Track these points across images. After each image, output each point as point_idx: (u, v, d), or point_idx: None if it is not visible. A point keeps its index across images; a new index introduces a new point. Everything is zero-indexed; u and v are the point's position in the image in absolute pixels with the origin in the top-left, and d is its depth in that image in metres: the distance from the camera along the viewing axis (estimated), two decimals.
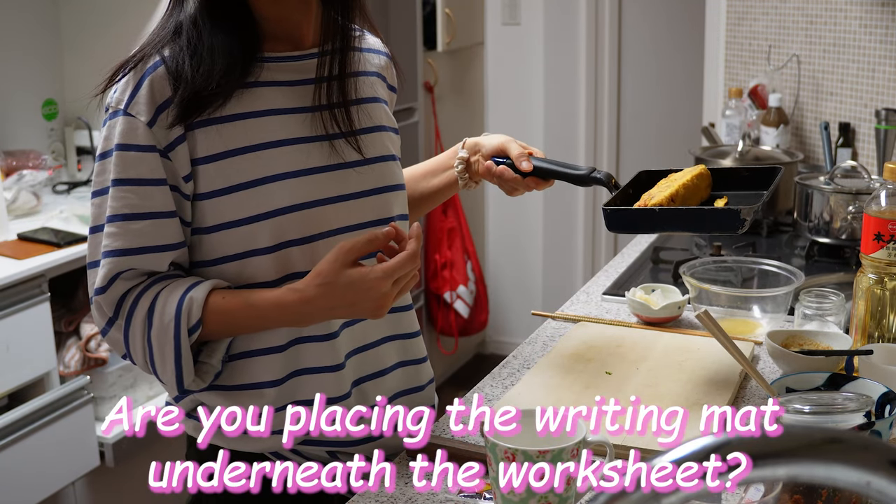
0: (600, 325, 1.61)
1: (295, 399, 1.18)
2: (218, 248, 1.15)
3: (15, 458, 2.11)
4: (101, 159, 1.13)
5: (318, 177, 1.16)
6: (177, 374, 1.11)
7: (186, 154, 1.11)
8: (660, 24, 3.86)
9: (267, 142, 1.14)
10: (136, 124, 1.10)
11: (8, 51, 2.71)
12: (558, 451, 0.98)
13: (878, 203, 1.30)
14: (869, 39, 2.48)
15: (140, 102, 1.10)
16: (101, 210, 1.12)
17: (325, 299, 1.08)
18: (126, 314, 1.12)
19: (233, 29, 1.14)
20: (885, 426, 1.06)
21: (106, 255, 1.11)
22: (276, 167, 1.14)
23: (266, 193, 1.13)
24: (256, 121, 1.14)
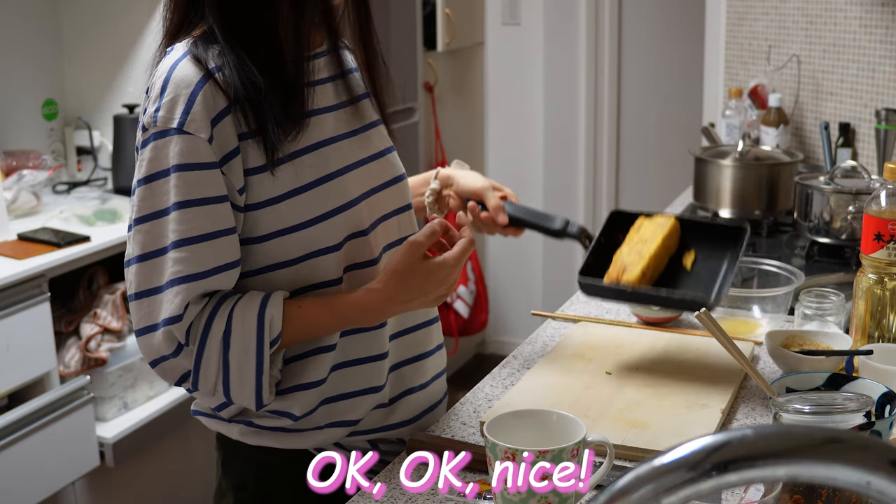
0: (600, 325, 1.61)
1: (335, 393, 1.20)
2: (272, 255, 1.15)
3: (15, 458, 2.11)
4: (145, 182, 1.09)
5: (367, 167, 1.22)
6: (257, 391, 1.12)
7: (240, 166, 1.10)
8: (660, 24, 3.86)
9: (323, 140, 1.17)
10: (197, 142, 1.07)
11: (8, 51, 2.71)
12: (558, 451, 0.98)
13: (878, 203, 1.31)
14: (869, 39, 2.48)
15: (196, 119, 1.07)
16: (152, 236, 1.09)
17: (405, 293, 1.15)
18: (199, 339, 1.11)
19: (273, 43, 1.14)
20: (885, 426, 1.06)
21: (177, 283, 1.08)
22: (337, 162, 1.17)
23: (335, 189, 1.16)
24: (318, 118, 1.17)
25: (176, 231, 1.08)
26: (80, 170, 2.87)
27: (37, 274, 2.18)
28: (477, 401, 1.36)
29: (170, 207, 1.08)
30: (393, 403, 1.27)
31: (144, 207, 1.09)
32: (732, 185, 2.27)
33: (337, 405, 1.21)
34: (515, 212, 1.46)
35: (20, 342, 2.15)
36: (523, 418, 1.06)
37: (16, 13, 2.72)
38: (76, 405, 2.25)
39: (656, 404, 1.29)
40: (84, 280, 2.47)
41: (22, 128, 2.76)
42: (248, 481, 1.25)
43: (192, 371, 1.13)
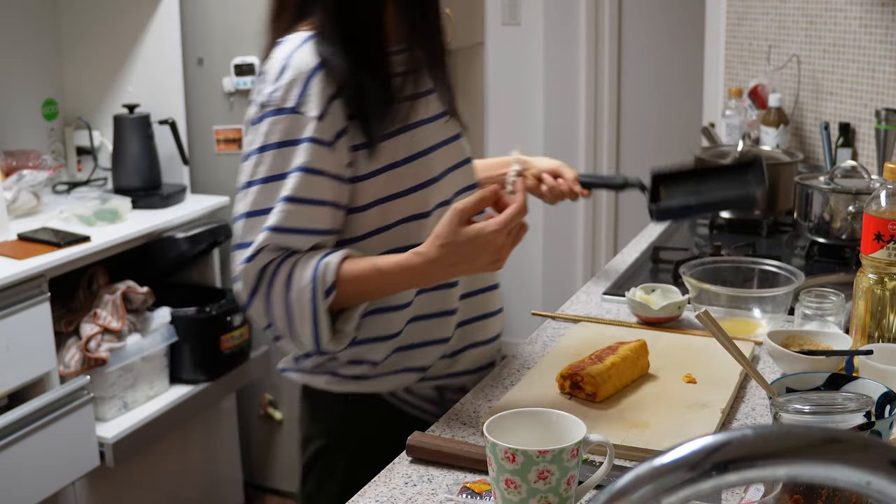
0: (600, 325, 1.61)
1: (408, 343, 1.36)
2: (371, 223, 1.30)
3: (15, 458, 2.11)
4: (259, 152, 1.24)
5: (448, 147, 1.38)
6: (314, 334, 1.24)
7: (347, 144, 1.25)
8: (660, 24, 3.86)
9: (415, 122, 1.32)
10: (306, 120, 1.22)
11: (8, 51, 2.71)
12: (558, 451, 0.98)
13: (878, 203, 1.31)
14: (869, 39, 2.48)
15: (310, 101, 1.22)
16: (260, 197, 1.24)
17: (448, 257, 1.21)
18: (267, 283, 1.24)
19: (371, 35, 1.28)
20: (885, 426, 1.06)
21: (263, 231, 1.23)
22: (426, 142, 1.33)
23: (425, 165, 1.32)
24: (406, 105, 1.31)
25: (285, 188, 1.23)
26: (80, 170, 2.87)
27: (37, 274, 2.18)
28: (477, 401, 1.36)
29: (288, 172, 1.23)
30: (456, 355, 1.41)
31: (257, 172, 1.25)
32: None
33: (409, 353, 1.37)
34: (584, 178, 1.75)
35: (20, 342, 2.15)
36: (523, 418, 1.06)
37: (15, 13, 2.72)
38: (76, 405, 2.25)
39: (656, 404, 1.29)
40: (84, 280, 2.47)
41: (22, 128, 2.76)
42: (333, 426, 1.40)
43: (265, 313, 1.25)
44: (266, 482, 3.14)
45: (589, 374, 1.29)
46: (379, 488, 1.13)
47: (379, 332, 1.33)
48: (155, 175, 2.74)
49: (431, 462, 1.18)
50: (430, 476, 1.15)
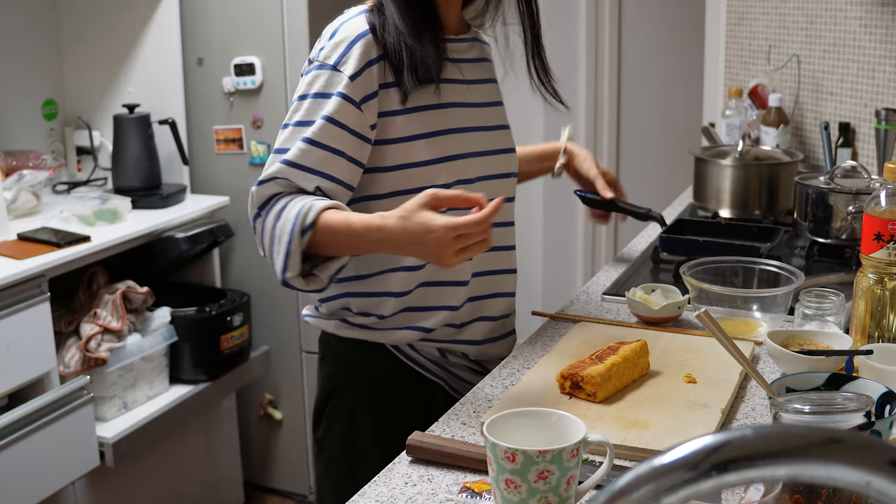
0: (600, 325, 1.61)
1: (416, 304, 1.46)
2: (394, 184, 1.40)
3: (15, 458, 2.11)
4: (300, 100, 1.38)
5: (484, 133, 1.50)
6: (284, 264, 1.33)
7: (376, 108, 1.37)
8: (660, 24, 3.86)
9: (451, 102, 1.44)
10: (341, 78, 1.35)
11: (8, 51, 2.71)
12: (558, 451, 0.98)
13: (878, 203, 1.30)
14: (869, 39, 2.48)
15: (349, 61, 1.35)
16: (289, 137, 1.37)
17: (401, 233, 1.27)
18: (267, 210, 1.36)
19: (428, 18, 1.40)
20: (885, 426, 1.06)
21: (278, 162, 1.36)
22: (458, 122, 1.45)
23: (452, 142, 1.43)
24: (443, 86, 1.43)
25: (308, 132, 1.35)
26: (80, 170, 2.87)
27: (37, 274, 2.18)
28: (477, 401, 1.36)
29: (314, 119, 1.35)
30: (464, 326, 1.51)
31: (293, 117, 1.38)
32: (732, 185, 2.27)
33: (416, 314, 1.47)
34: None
35: (20, 342, 2.15)
36: (523, 418, 1.06)
37: (16, 13, 2.72)
38: (76, 405, 2.25)
39: (656, 404, 1.29)
40: (84, 280, 2.47)
41: (22, 128, 2.76)
42: (340, 370, 1.52)
43: (260, 234, 1.37)
44: (266, 482, 3.14)
45: (589, 374, 1.29)
46: (379, 488, 1.13)
47: (391, 288, 1.45)
48: (155, 175, 2.74)
49: (431, 462, 1.18)
50: (430, 476, 1.15)
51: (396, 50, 1.37)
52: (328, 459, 1.54)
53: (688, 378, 1.37)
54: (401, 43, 1.37)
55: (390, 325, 1.48)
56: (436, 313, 1.49)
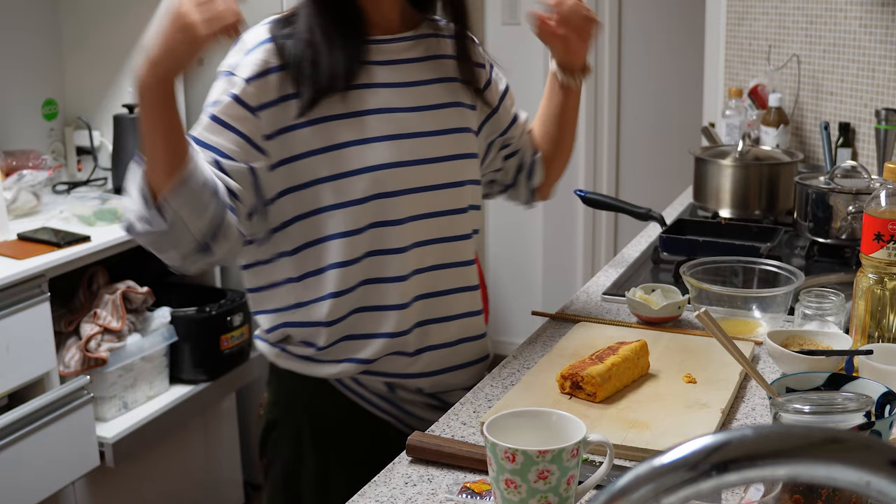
0: (600, 325, 1.61)
1: (351, 333, 1.38)
2: (313, 201, 1.32)
3: (15, 458, 2.11)
4: (204, 111, 1.33)
5: (420, 140, 1.37)
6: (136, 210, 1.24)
7: (276, 117, 1.29)
8: (660, 24, 3.86)
9: (370, 109, 1.34)
10: (235, 81, 1.30)
11: (8, 51, 2.71)
12: (558, 451, 0.98)
13: (878, 203, 1.30)
14: (869, 39, 2.48)
15: (246, 66, 1.29)
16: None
17: (151, 38, 1.19)
18: None
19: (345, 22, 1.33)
20: (885, 426, 1.06)
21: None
22: (375, 130, 1.33)
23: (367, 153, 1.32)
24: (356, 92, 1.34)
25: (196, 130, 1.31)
26: (80, 170, 2.87)
27: (37, 274, 2.18)
28: (477, 401, 1.36)
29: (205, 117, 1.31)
30: (417, 355, 1.41)
31: (195, 127, 1.32)
32: (732, 185, 2.27)
33: (353, 343, 1.39)
34: (609, 200, 1.96)
35: (20, 342, 2.15)
36: (523, 418, 1.06)
37: (15, 13, 2.72)
38: (76, 405, 2.25)
39: (656, 404, 1.29)
40: (84, 280, 2.47)
41: (22, 128, 2.76)
42: (282, 400, 1.45)
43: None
44: None
45: (589, 375, 1.29)
46: (379, 488, 1.13)
47: (322, 317, 1.37)
48: None
49: (431, 462, 1.18)
50: (430, 476, 1.15)
51: (296, 60, 1.30)
52: (271, 493, 1.47)
53: (688, 378, 1.37)
54: (302, 52, 1.30)
55: (329, 357, 1.39)
56: (372, 341, 1.38)
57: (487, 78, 1.52)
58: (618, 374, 1.32)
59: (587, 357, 1.36)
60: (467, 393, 1.39)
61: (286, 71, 1.29)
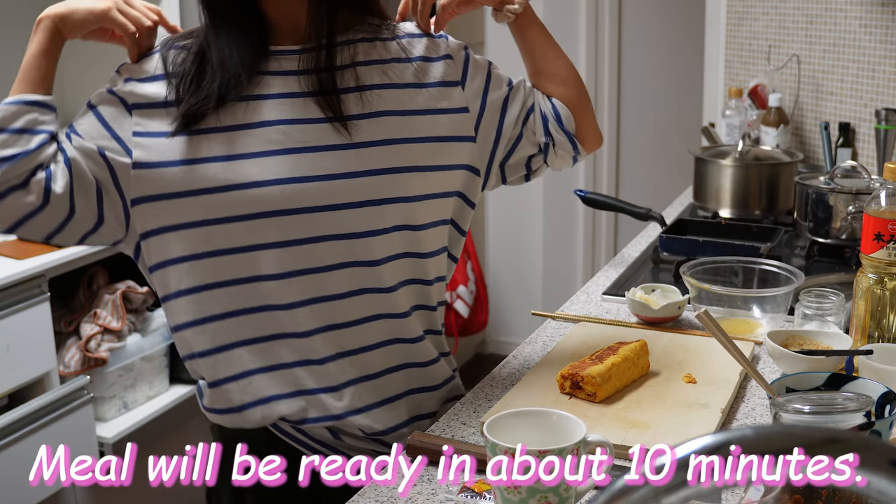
0: (600, 325, 1.61)
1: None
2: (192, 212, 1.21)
3: (15, 458, 2.11)
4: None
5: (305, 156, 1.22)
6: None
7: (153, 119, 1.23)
8: (660, 24, 3.86)
9: (258, 121, 1.22)
10: (115, 79, 1.29)
11: (8, 51, 2.71)
12: (558, 450, 0.98)
13: (878, 203, 1.31)
14: (869, 39, 2.48)
15: (131, 68, 1.28)
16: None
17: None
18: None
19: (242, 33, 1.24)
20: (885, 426, 1.06)
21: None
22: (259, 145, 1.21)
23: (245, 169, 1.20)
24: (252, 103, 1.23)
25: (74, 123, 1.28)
26: None
27: (37, 274, 2.18)
28: (477, 401, 1.36)
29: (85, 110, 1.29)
30: (341, 389, 1.28)
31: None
32: (732, 185, 2.27)
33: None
34: (610, 200, 1.97)
35: (20, 342, 2.15)
36: (523, 418, 1.06)
37: (16, 13, 2.72)
38: (76, 405, 2.25)
39: (656, 404, 1.29)
40: (84, 280, 2.47)
41: None
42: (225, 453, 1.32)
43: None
44: None
45: (589, 375, 1.29)
46: (379, 488, 1.13)
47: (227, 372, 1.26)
48: None
49: (431, 462, 1.18)
50: (430, 476, 1.15)
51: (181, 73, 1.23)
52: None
53: (688, 378, 1.37)
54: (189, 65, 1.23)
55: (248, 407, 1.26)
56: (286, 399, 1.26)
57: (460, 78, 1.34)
58: (618, 374, 1.32)
59: (587, 357, 1.36)
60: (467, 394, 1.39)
61: (170, 81, 1.23)
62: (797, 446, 0.47)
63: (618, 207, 2.05)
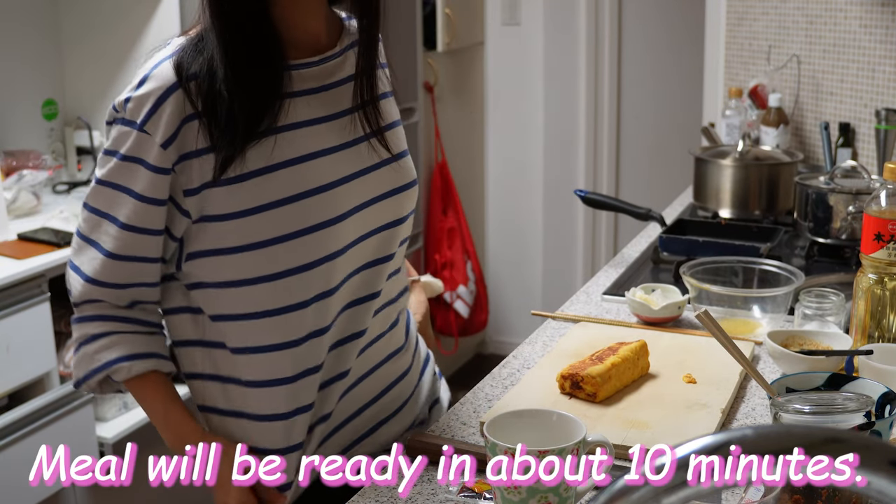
0: (600, 325, 1.61)
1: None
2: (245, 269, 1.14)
3: (15, 458, 2.11)
4: (106, 154, 1.15)
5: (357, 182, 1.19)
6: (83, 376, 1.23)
7: (198, 169, 1.11)
8: (660, 24, 3.86)
9: (298, 156, 1.14)
10: (150, 143, 1.11)
11: (8, 51, 2.71)
12: (558, 450, 0.98)
13: (878, 203, 1.30)
14: (869, 39, 2.48)
15: (157, 122, 1.10)
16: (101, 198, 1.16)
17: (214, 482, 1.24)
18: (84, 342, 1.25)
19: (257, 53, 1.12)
20: (885, 426, 1.06)
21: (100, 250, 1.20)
22: (315, 180, 1.14)
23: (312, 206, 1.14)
24: (286, 135, 1.14)
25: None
26: (80, 170, 2.87)
27: (37, 274, 2.18)
28: (477, 401, 1.36)
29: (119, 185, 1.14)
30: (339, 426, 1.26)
31: (100, 173, 1.15)
32: (732, 185, 2.27)
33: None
34: (609, 200, 2.00)
35: (20, 342, 2.15)
36: (523, 418, 1.06)
37: (15, 13, 2.72)
38: (76, 405, 2.25)
39: (656, 404, 1.29)
40: None
41: (22, 128, 2.76)
42: None
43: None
44: None
45: (589, 375, 1.29)
46: (379, 488, 1.13)
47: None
48: None
49: (431, 462, 1.18)
50: (430, 476, 1.15)
51: (209, 106, 1.10)
52: None
53: (688, 378, 1.37)
54: (213, 99, 1.10)
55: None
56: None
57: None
58: (618, 374, 1.32)
59: (587, 357, 1.36)
60: (467, 394, 1.39)
61: (202, 120, 1.11)
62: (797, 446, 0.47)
63: (618, 207, 2.05)
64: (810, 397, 1.10)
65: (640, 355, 1.37)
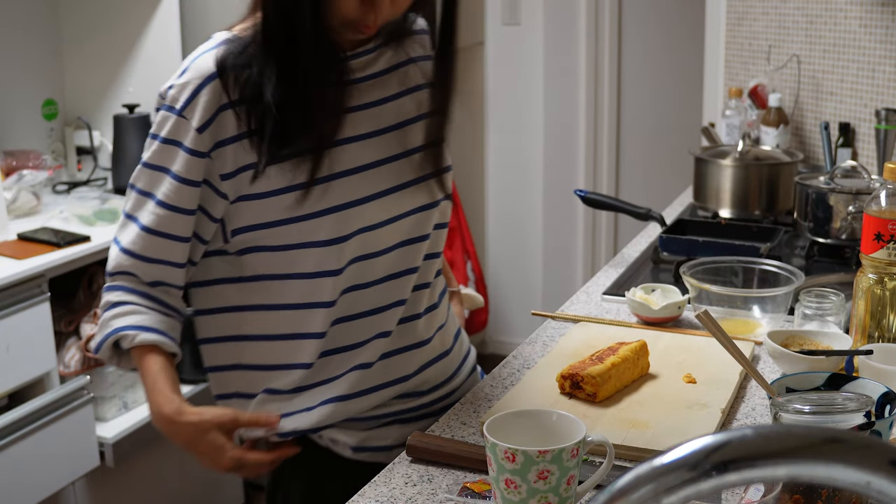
0: (600, 325, 1.61)
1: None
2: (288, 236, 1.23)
3: (15, 458, 2.11)
4: (151, 137, 1.24)
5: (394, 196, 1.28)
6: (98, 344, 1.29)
7: (231, 156, 1.20)
8: (660, 24, 3.86)
9: (342, 171, 1.23)
10: (188, 128, 1.19)
11: (8, 51, 2.71)
12: (558, 451, 0.98)
13: (878, 203, 1.30)
14: (869, 39, 2.48)
15: (196, 110, 1.19)
16: (148, 179, 1.24)
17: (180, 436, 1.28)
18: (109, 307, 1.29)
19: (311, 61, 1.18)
20: (885, 426, 1.06)
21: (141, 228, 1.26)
22: (354, 194, 1.24)
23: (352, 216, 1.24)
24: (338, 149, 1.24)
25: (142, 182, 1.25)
26: (80, 170, 2.87)
27: (37, 274, 2.18)
28: (477, 401, 1.36)
29: (159, 166, 1.23)
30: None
31: (145, 156, 1.24)
32: (732, 185, 2.27)
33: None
34: (610, 200, 2.01)
35: (20, 342, 2.15)
36: (523, 418, 1.06)
37: (15, 13, 2.72)
38: (76, 405, 2.25)
39: (656, 404, 1.29)
40: (84, 280, 2.47)
41: (22, 128, 2.76)
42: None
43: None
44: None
45: (589, 375, 1.29)
46: (379, 488, 1.13)
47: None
48: None
49: (431, 462, 1.18)
50: (430, 476, 1.15)
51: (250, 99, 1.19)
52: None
53: (688, 378, 1.37)
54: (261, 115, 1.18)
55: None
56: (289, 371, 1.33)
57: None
58: (618, 374, 1.32)
59: (587, 357, 1.36)
60: (466, 394, 1.39)
61: (238, 108, 1.19)
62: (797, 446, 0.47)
63: (618, 207, 2.05)
64: (810, 397, 1.10)
65: (640, 355, 1.37)
